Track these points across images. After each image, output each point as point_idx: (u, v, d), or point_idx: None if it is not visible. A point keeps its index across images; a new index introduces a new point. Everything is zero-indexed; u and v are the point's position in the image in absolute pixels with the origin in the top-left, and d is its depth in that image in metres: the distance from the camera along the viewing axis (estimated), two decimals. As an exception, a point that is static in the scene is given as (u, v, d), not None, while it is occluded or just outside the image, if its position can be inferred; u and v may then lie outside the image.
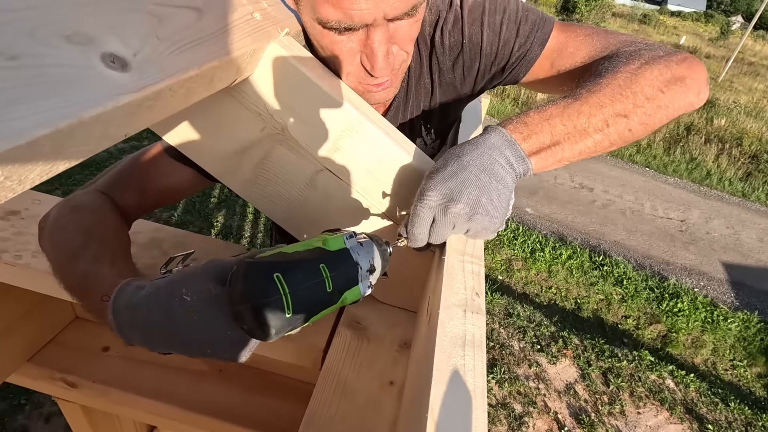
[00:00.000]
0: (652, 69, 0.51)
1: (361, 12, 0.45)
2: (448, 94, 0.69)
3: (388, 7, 0.46)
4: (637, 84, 0.50)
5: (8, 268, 0.59)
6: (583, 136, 0.47)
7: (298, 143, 0.51)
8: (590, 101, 0.48)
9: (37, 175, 0.23)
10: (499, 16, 0.61)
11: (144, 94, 0.28)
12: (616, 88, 0.49)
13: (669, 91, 0.51)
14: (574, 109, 0.48)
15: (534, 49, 0.62)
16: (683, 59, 0.54)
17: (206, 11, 0.39)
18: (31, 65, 0.23)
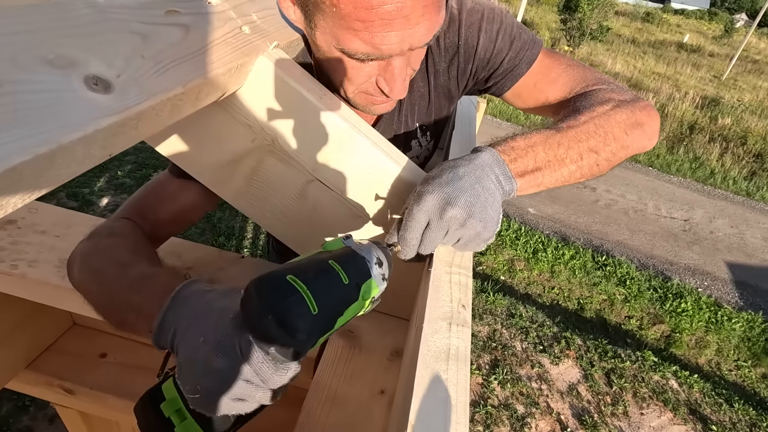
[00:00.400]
0: (621, 113, 0.57)
1: (390, 46, 0.46)
2: (442, 95, 0.70)
3: (415, 40, 0.47)
4: (609, 125, 0.56)
5: (4, 277, 0.60)
6: (561, 165, 0.52)
7: (288, 154, 0.51)
8: (569, 135, 0.53)
9: (19, 199, 0.24)
10: (496, 25, 0.63)
11: (127, 116, 0.28)
12: (591, 126, 0.55)
13: (631, 134, 0.58)
14: (555, 140, 0.52)
15: (521, 66, 0.65)
16: (644, 107, 0.61)
17: (193, 27, 0.39)
18: (13, 92, 0.23)
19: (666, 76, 11.83)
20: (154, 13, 0.37)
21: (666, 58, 14.38)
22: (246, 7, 0.49)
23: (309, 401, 0.50)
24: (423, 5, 0.44)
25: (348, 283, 0.35)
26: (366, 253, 0.39)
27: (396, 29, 0.45)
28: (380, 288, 0.39)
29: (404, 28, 0.45)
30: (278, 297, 0.32)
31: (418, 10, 0.44)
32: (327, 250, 0.38)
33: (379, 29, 0.44)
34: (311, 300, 0.32)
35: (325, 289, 0.34)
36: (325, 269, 0.35)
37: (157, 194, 0.62)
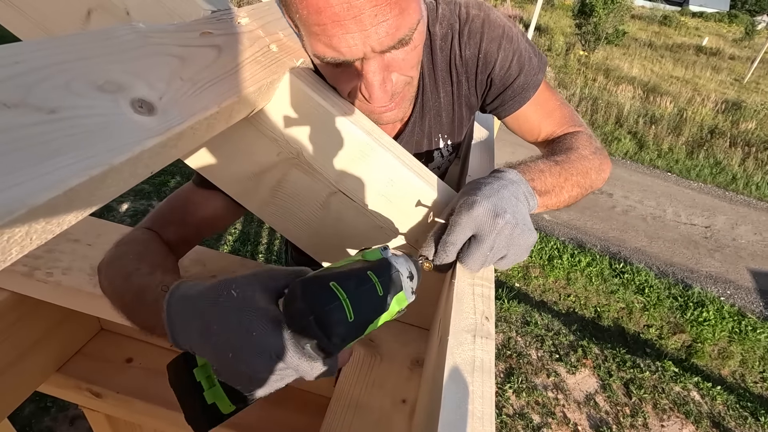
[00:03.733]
0: (595, 158, 0.67)
1: (350, 48, 0.47)
2: (464, 105, 0.71)
3: (375, 42, 0.47)
4: (590, 164, 0.64)
5: (40, 284, 0.63)
6: (561, 191, 0.58)
7: (312, 167, 0.52)
8: (565, 168, 0.60)
9: (74, 217, 0.25)
10: (514, 45, 0.65)
11: (168, 136, 0.30)
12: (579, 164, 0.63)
13: (597, 177, 0.66)
14: (557, 170, 0.59)
15: (528, 91, 0.68)
16: (606, 156, 0.71)
17: (225, 48, 0.41)
18: (68, 117, 0.25)
19: (684, 80, 11.62)
20: (190, 36, 0.39)
21: (684, 62, 14.12)
22: (273, 26, 0.51)
23: (332, 409, 0.51)
24: (373, 5, 0.44)
25: (382, 294, 0.38)
26: (400, 266, 0.41)
27: (350, 31, 0.45)
28: (408, 300, 0.41)
29: (359, 29, 0.46)
30: (321, 301, 0.35)
31: (368, 10, 0.44)
32: (366, 258, 0.40)
33: (333, 31, 0.46)
34: (349, 308, 0.35)
35: (362, 299, 0.36)
36: (364, 280, 0.37)
37: (181, 205, 0.64)
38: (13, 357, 0.71)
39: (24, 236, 0.22)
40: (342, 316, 0.35)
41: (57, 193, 0.22)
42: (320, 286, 0.35)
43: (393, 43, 0.49)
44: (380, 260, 0.40)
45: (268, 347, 0.35)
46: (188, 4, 0.45)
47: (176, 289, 0.42)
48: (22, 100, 0.24)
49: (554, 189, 0.57)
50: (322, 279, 0.36)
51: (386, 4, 0.45)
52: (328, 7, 0.43)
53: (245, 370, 0.35)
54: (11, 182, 0.21)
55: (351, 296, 0.35)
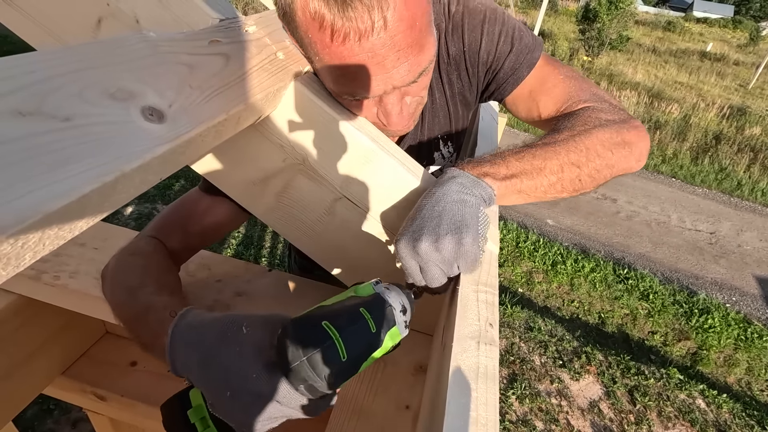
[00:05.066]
0: (604, 132, 0.56)
1: (371, 90, 0.48)
2: (459, 103, 0.71)
3: (397, 81, 0.48)
4: (590, 141, 0.55)
5: (48, 288, 0.63)
6: (539, 174, 0.52)
7: (318, 173, 0.53)
8: (547, 148, 0.54)
9: (85, 223, 0.26)
10: (498, 27, 0.63)
11: (178, 143, 0.30)
12: (571, 142, 0.55)
13: (616, 152, 0.56)
14: (530, 153, 0.53)
15: (522, 70, 0.64)
16: (634, 127, 0.59)
17: (233, 56, 0.42)
18: (81, 125, 0.26)
19: (689, 86, 11.59)
20: (199, 44, 0.39)
21: (688, 67, 14.10)
22: (280, 34, 0.51)
23: (335, 414, 0.51)
24: (396, 50, 0.45)
25: (375, 331, 0.38)
26: (393, 300, 0.41)
27: (373, 74, 0.46)
28: (402, 335, 0.41)
29: (381, 73, 0.46)
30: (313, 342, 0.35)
31: (392, 56, 0.45)
32: (358, 294, 0.40)
33: (356, 76, 0.46)
34: (342, 348, 0.35)
35: (354, 338, 0.36)
36: (356, 317, 0.37)
37: (187, 210, 0.65)
38: (19, 359, 0.72)
39: (37, 242, 0.22)
40: (335, 357, 0.35)
41: (70, 200, 0.23)
42: (312, 326, 0.35)
43: (413, 79, 0.49)
44: (373, 296, 0.40)
45: (264, 393, 0.35)
46: (197, 12, 0.45)
47: (183, 316, 0.42)
48: (37, 109, 0.25)
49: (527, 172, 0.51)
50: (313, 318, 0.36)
51: (408, 46, 0.45)
52: (352, 55, 0.44)
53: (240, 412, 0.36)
54: (26, 189, 0.21)
55: (343, 335, 0.35)
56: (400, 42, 0.45)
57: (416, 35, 0.46)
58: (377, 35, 0.43)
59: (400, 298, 0.42)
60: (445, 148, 0.76)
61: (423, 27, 0.46)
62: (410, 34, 0.45)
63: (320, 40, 0.44)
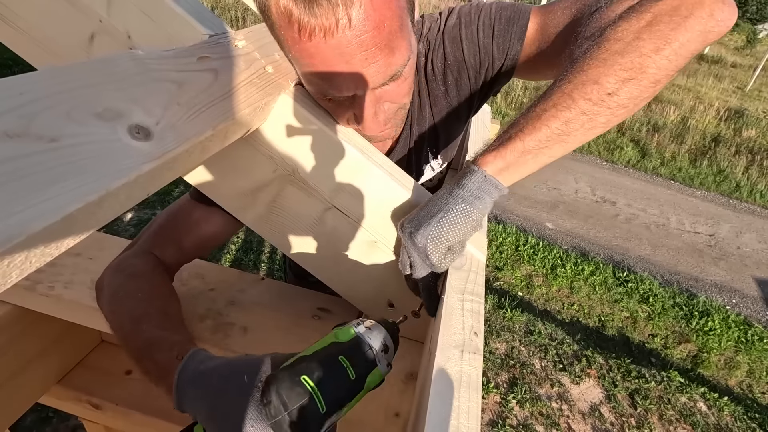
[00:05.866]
0: (619, 25, 0.44)
1: (341, 89, 0.49)
2: (447, 117, 0.71)
3: (367, 81, 0.48)
4: (600, 48, 0.44)
5: (42, 298, 0.64)
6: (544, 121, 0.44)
7: (307, 183, 0.54)
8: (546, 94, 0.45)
9: (72, 240, 0.26)
10: (474, 26, 0.62)
11: (164, 160, 0.31)
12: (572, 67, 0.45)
13: (652, 33, 0.43)
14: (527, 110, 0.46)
15: (514, 45, 0.61)
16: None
17: (222, 71, 0.43)
18: (69, 145, 0.27)
19: (687, 88, 11.62)
20: (188, 61, 0.40)
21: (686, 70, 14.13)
22: (269, 48, 0.52)
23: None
24: (363, 49, 0.45)
25: (354, 378, 0.40)
26: (374, 341, 0.42)
27: (341, 73, 0.47)
28: (384, 375, 0.43)
29: (349, 72, 0.47)
30: (292, 397, 0.37)
31: (359, 55, 0.45)
32: (338, 339, 0.42)
33: (325, 73, 0.47)
34: (320, 400, 0.37)
35: (333, 388, 0.38)
36: (334, 367, 0.39)
37: (180, 222, 0.65)
38: (15, 369, 0.72)
39: (24, 260, 0.23)
40: (314, 410, 0.37)
41: (55, 219, 0.23)
42: (291, 381, 0.37)
43: (384, 81, 0.50)
44: (352, 340, 0.41)
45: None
46: (187, 28, 0.46)
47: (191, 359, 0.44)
48: (24, 131, 0.25)
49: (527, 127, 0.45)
50: (293, 373, 0.38)
51: (375, 47, 0.45)
52: (319, 52, 0.45)
53: None
54: (12, 210, 0.22)
55: (322, 388, 0.37)
56: (367, 42, 0.45)
57: (385, 36, 0.46)
58: (342, 33, 0.43)
59: (381, 336, 0.43)
60: (435, 161, 0.76)
61: (393, 29, 0.46)
62: (378, 35, 0.45)
63: (290, 36, 0.45)
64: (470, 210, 0.46)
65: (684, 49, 0.43)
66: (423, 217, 0.47)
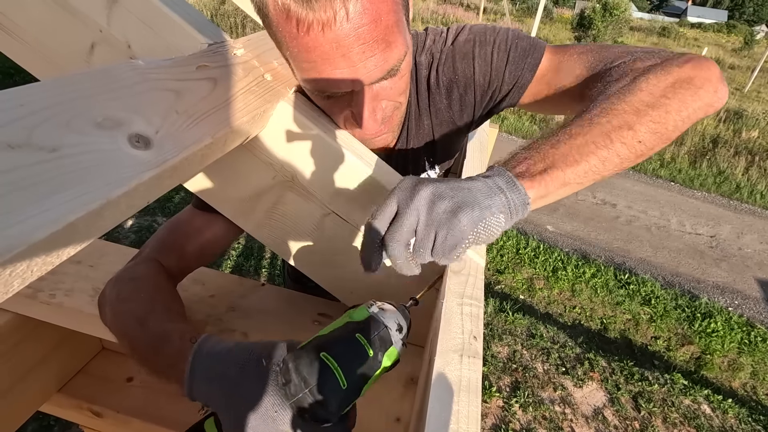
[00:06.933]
0: (648, 78, 0.49)
1: (338, 83, 0.49)
2: (447, 129, 0.72)
3: (364, 76, 0.49)
4: (634, 95, 0.48)
5: (43, 306, 0.64)
6: (586, 155, 0.45)
7: (307, 189, 0.54)
8: (584, 123, 0.47)
9: (73, 249, 0.27)
10: (489, 47, 0.63)
11: (164, 168, 0.31)
12: (609, 104, 0.47)
13: (675, 95, 0.48)
14: (565, 134, 0.46)
15: (525, 75, 0.63)
16: (687, 60, 0.51)
17: (221, 79, 0.43)
18: (69, 155, 0.27)
19: (685, 90, 11.63)
20: (187, 70, 0.41)
21: (684, 71, 14.16)
22: (268, 55, 0.53)
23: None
24: (361, 43, 0.46)
25: (372, 354, 0.39)
26: (388, 320, 0.42)
27: (339, 67, 0.47)
28: (399, 353, 0.42)
29: (348, 66, 0.47)
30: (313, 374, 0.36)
31: (357, 48, 0.46)
32: (353, 319, 0.41)
33: (323, 68, 0.47)
34: (341, 376, 0.37)
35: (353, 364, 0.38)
36: (352, 344, 0.39)
37: (182, 230, 0.66)
38: (16, 377, 0.72)
39: (25, 269, 0.23)
40: (335, 386, 0.36)
41: (56, 228, 0.24)
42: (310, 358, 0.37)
43: (381, 75, 0.50)
44: (367, 319, 0.41)
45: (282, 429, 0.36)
46: (186, 37, 0.47)
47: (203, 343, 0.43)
48: (25, 141, 0.26)
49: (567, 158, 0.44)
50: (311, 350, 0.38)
51: (373, 41, 0.46)
52: (318, 46, 0.45)
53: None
54: (13, 220, 0.22)
55: (342, 364, 0.37)
56: (365, 35, 0.45)
57: (382, 31, 0.46)
58: (340, 25, 0.44)
59: (395, 317, 0.43)
60: (432, 171, 0.77)
61: (390, 24, 0.47)
62: (375, 29, 0.46)
63: (288, 32, 0.45)
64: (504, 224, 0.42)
65: (694, 115, 0.48)
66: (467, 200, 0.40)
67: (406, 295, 0.59)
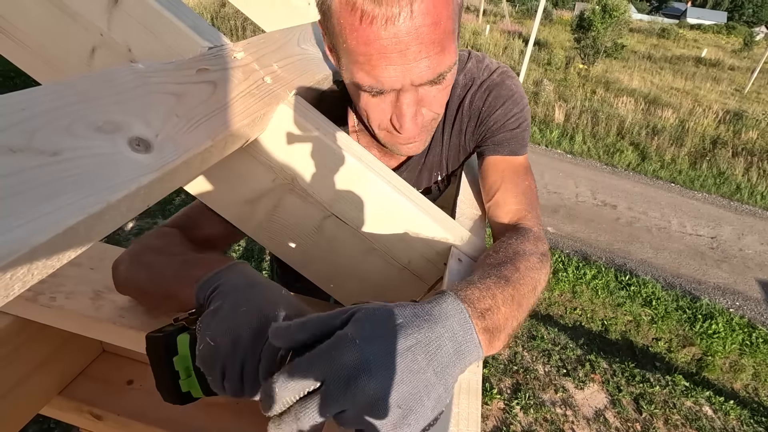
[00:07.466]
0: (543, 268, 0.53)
1: (390, 79, 0.51)
2: (460, 150, 0.76)
3: (415, 76, 0.51)
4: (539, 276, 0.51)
5: (44, 309, 0.64)
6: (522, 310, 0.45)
7: (306, 192, 0.54)
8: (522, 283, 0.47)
9: (73, 252, 0.27)
10: (516, 109, 0.68)
11: (164, 171, 0.31)
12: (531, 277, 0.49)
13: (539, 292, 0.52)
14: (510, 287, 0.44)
15: (507, 148, 0.69)
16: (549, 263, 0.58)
17: (220, 83, 0.43)
18: (69, 159, 0.27)
19: (685, 91, 11.67)
20: (187, 73, 0.41)
21: (684, 73, 14.21)
22: (268, 58, 0.53)
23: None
24: (419, 42, 0.48)
25: None
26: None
27: (394, 63, 0.49)
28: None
29: (402, 63, 0.49)
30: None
31: (414, 47, 0.48)
32: None
33: (378, 62, 0.49)
34: None
35: None
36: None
37: (192, 220, 0.66)
38: (16, 380, 0.72)
39: (26, 273, 0.24)
40: None
41: (56, 232, 0.24)
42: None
43: (432, 78, 0.52)
44: None
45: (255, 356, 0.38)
46: (187, 41, 0.47)
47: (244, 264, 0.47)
48: (26, 145, 0.26)
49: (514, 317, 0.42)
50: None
51: (430, 42, 0.48)
52: (377, 39, 0.47)
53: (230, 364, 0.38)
54: (14, 223, 0.22)
55: None
56: (424, 36, 0.47)
57: (440, 35, 0.48)
58: (403, 22, 0.46)
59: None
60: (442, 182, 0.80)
61: (447, 30, 0.49)
62: (434, 31, 0.48)
63: (350, 23, 0.47)
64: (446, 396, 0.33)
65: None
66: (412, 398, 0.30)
67: (406, 298, 0.59)
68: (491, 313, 0.39)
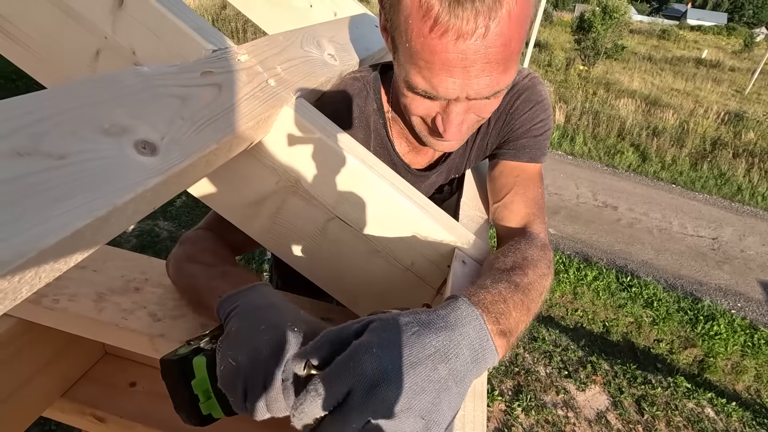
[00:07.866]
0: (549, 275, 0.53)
1: (447, 90, 0.50)
2: (480, 152, 0.75)
3: (473, 91, 0.50)
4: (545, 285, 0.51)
5: (47, 311, 0.64)
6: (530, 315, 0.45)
7: (310, 194, 0.54)
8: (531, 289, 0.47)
9: (80, 255, 0.27)
10: (542, 116, 0.68)
11: (169, 174, 0.32)
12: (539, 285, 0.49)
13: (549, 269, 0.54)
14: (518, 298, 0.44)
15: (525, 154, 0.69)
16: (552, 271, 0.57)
17: (225, 85, 0.43)
18: (75, 162, 0.27)
19: (685, 92, 11.68)
20: (192, 76, 0.41)
21: (684, 74, 14.22)
22: (271, 61, 0.53)
23: None
24: (484, 62, 0.46)
25: None
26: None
27: (455, 76, 0.48)
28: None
29: (463, 78, 0.48)
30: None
31: (479, 65, 0.47)
32: None
33: (439, 72, 0.48)
34: None
35: None
36: None
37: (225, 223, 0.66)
38: (20, 382, 0.72)
39: (34, 276, 0.24)
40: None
41: (64, 235, 0.24)
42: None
43: (488, 95, 0.51)
44: None
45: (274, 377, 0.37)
46: (191, 44, 0.47)
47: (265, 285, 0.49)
48: (34, 148, 0.26)
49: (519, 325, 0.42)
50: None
51: (496, 62, 0.47)
52: (444, 52, 0.46)
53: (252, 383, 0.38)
54: (22, 227, 0.23)
55: None
56: (492, 55, 0.46)
57: (507, 55, 0.47)
58: (474, 41, 0.44)
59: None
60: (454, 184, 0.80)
61: (514, 51, 0.48)
62: (502, 52, 0.46)
63: (419, 28, 0.46)
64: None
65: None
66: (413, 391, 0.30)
67: (409, 301, 0.59)
68: (504, 318, 0.39)
